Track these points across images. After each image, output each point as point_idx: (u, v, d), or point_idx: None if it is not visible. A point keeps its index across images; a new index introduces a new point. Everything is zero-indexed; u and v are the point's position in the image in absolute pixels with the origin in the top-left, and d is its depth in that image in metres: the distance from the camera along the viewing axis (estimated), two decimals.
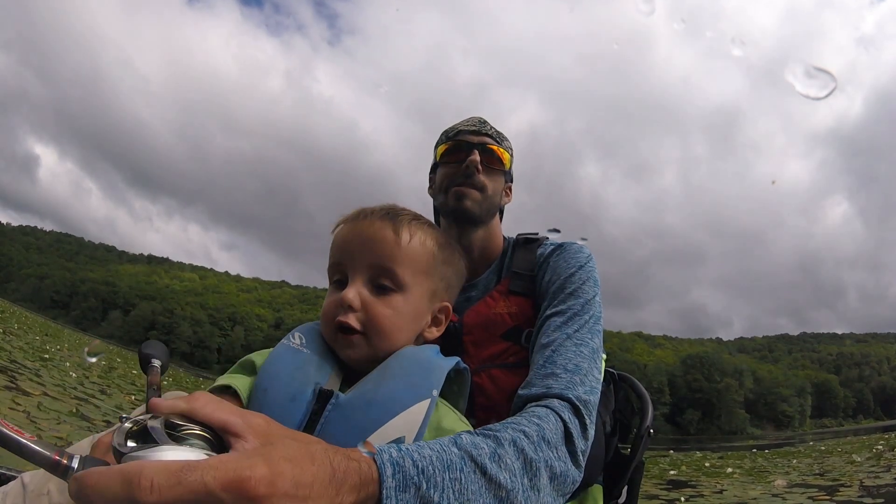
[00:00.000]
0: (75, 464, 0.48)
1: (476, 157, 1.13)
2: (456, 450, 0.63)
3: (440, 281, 0.90)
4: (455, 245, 0.98)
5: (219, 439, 0.53)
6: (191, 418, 0.53)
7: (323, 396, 0.75)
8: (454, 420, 0.80)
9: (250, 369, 0.84)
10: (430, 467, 0.59)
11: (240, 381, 0.80)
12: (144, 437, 0.51)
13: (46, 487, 0.80)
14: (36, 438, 0.49)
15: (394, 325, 0.82)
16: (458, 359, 0.84)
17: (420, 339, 0.90)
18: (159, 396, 0.77)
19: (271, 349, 0.85)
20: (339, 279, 0.86)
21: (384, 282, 0.83)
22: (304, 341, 0.84)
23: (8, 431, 0.48)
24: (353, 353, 0.81)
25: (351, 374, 0.82)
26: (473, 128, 1.19)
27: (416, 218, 0.90)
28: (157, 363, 0.72)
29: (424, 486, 0.57)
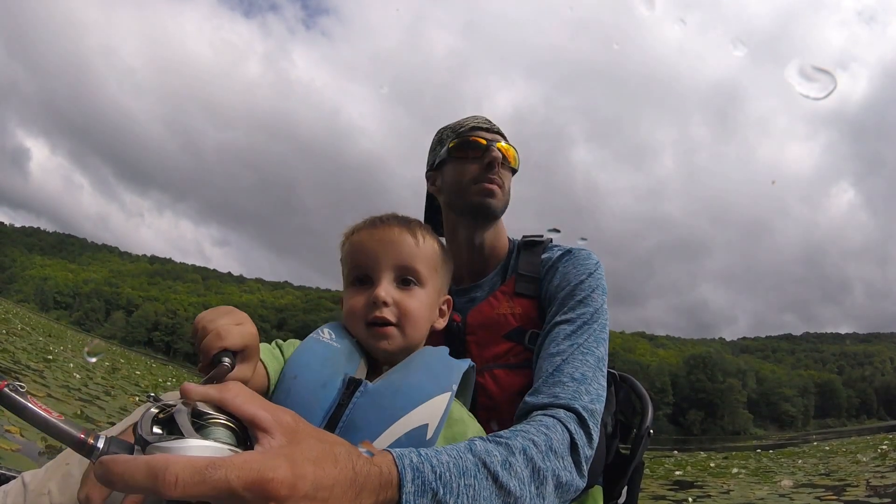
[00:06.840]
0: (101, 444, 0.49)
1: (498, 153, 1.14)
2: (471, 456, 0.67)
3: (443, 278, 1.02)
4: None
5: (245, 431, 0.54)
6: (220, 408, 0.54)
7: (352, 385, 0.82)
8: (465, 414, 0.89)
9: (278, 354, 0.91)
10: (448, 473, 0.62)
11: (272, 365, 0.85)
12: (170, 425, 0.51)
13: (47, 487, 0.79)
14: (63, 417, 0.50)
15: (421, 315, 0.93)
16: (469, 360, 0.92)
17: (431, 330, 0.99)
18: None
19: (295, 340, 0.95)
20: (362, 280, 0.95)
21: (409, 277, 0.94)
22: (333, 336, 0.92)
23: (36, 409, 0.49)
24: (388, 345, 0.90)
25: (376, 368, 0.91)
26: (486, 125, 1.19)
27: (423, 224, 1.01)
28: (227, 362, 0.65)
29: (441, 491, 0.61)
